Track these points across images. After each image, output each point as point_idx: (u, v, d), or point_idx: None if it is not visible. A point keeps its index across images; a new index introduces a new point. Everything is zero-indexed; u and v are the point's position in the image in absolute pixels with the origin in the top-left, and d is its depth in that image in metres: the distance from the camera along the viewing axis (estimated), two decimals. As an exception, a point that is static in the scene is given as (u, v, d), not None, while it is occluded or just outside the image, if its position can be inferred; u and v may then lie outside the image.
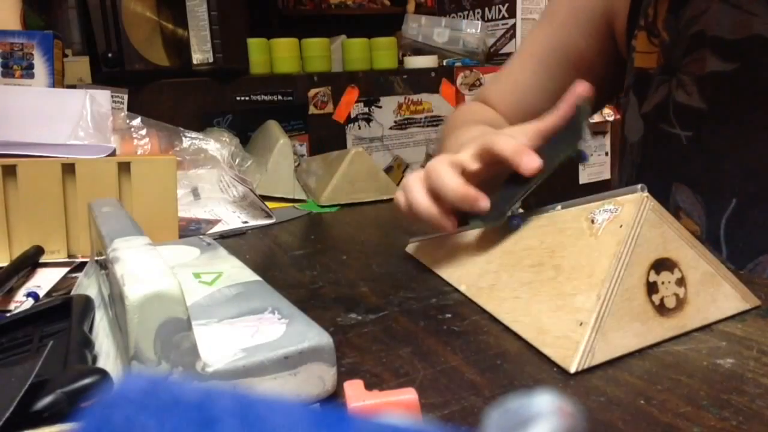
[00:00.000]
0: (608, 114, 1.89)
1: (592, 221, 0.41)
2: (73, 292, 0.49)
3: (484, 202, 0.45)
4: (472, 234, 0.52)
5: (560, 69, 0.75)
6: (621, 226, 0.39)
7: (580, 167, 1.56)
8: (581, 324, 0.36)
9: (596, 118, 1.89)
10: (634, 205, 0.39)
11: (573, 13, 0.75)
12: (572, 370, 0.35)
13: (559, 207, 0.45)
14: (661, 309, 0.38)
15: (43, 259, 0.60)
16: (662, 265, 0.39)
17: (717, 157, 0.58)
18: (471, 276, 0.48)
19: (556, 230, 0.44)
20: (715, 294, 0.41)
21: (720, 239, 0.58)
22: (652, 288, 0.38)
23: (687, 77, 0.60)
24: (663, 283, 0.39)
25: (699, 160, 0.60)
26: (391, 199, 0.80)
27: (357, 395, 0.30)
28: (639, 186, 0.40)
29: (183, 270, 0.45)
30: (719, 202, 0.58)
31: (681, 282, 0.40)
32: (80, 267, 0.58)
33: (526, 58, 0.79)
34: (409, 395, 0.30)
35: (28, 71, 0.92)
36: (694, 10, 0.59)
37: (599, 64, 0.74)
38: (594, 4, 0.73)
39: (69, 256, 0.62)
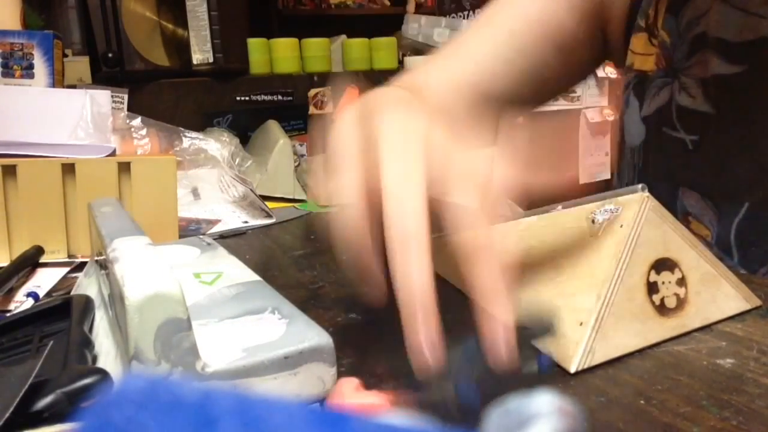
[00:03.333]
0: (608, 114, 1.87)
1: (593, 221, 0.41)
2: (73, 292, 0.49)
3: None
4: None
5: (536, 46, 0.64)
6: (621, 226, 0.39)
7: (580, 167, 1.56)
8: (581, 324, 0.36)
9: (597, 119, 1.89)
10: (634, 205, 0.39)
11: None
12: (572, 370, 0.35)
13: (559, 207, 0.45)
14: (662, 309, 0.38)
15: (43, 259, 0.60)
16: (663, 265, 0.39)
17: (725, 160, 0.57)
18: (471, 276, 0.48)
19: (556, 230, 0.44)
20: (715, 294, 0.41)
21: (731, 243, 0.57)
22: (652, 288, 0.38)
23: (690, 80, 0.58)
24: (663, 283, 0.39)
25: (707, 165, 0.58)
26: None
27: (353, 394, 0.30)
28: (639, 186, 0.40)
29: (183, 270, 0.45)
30: (730, 206, 0.57)
31: (681, 282, 0.40)
32: (80, 267, 0.58)
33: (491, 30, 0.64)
34: (408, 395, 0.30)
35: (28, 71, 0.92)
36: (695, 11, 0.58)
37: (585, 47, 0.67)
38: None
39: (69, 256, 0.62)
